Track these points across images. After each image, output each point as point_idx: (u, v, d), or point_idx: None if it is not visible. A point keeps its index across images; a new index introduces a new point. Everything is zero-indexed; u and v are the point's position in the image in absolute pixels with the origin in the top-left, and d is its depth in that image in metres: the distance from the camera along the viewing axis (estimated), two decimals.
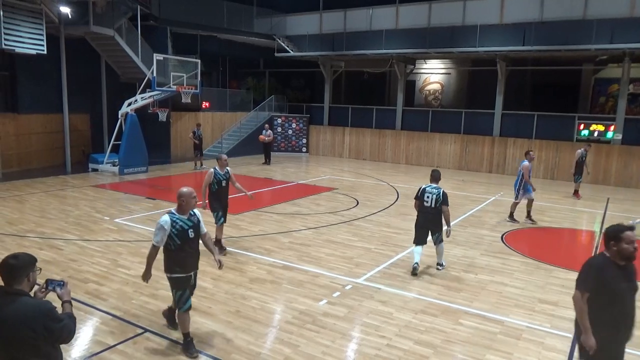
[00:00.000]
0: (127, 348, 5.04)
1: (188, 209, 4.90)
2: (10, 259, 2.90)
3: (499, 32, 18.63)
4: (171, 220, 4.78)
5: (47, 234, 9.09)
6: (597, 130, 17.90)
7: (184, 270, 4.91)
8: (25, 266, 2.88)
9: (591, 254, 8.90)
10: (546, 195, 14.84)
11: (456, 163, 20.59)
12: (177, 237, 4.78)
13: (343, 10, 22.50)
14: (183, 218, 4.85)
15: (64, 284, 3.14)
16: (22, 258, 2.92)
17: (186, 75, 17.16)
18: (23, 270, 2.86)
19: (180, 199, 4.85)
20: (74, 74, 16.79)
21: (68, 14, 15.18)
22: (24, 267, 2.87)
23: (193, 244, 4.94)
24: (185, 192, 4.85)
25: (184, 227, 4.82)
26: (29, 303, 2.81)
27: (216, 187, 8.10)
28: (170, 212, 4.86)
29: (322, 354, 5.03)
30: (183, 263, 4.86)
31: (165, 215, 4.83)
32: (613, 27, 16.47)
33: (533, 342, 5.43)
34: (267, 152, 20.10)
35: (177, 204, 4.88)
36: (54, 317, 2.84)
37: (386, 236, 9.62)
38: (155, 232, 4.79)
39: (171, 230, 4.75)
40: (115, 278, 6.97)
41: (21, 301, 2.79)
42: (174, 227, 4.77)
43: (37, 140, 17.21)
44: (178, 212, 4.87)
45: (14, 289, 2.82)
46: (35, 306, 2.82)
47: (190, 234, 4.86)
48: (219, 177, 8.11)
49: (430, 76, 24.86)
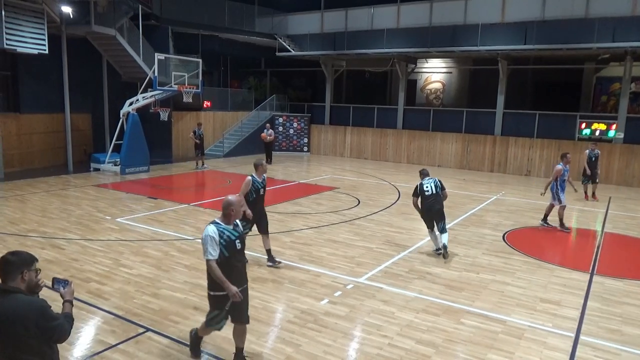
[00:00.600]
0: (129, 347, 5.05)
1: (235, 218, 4.56)
2: (9, 254, 2.91)
3: (501, 31, 18.61)
4: (218, 230, 4.41)
5: (49, 233, 9.10)
6: (598, 129, 17.85)
7: None
8: (20, 264, 2.86)
9: (593, 253, 8.93)
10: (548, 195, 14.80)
11: (457, 162, 20.57)
12: (225, 248, 4.40)
13: (344, 10, 22.49)
14: (229, 228, 4.48)
15: (68, 283, 3.14)
16: (19, 256, 2.91)
17: (187, 75, 17.17)
18: (17, 268, 2.84)
19: (229, 208, 4.48)
20: (76, 73, 16.82)
21: (69, 13, 15.20)
22: (19, 264, 2.86)
23: (241, 255, 4.58)
24: (234, 201, 4.51)
25: (231, 238, 4.45)
26: (22, 300, 2.79)
27: (254, 196, 7.42)
28: (215, 222, 4.48)
29: (324, 353, 5.03)
30: (229, 278, 4.40)
31: (210, 225, 4.44)
32: (615, 26, 16.43)
33: (535, 342, 5.43)
34: (269, 151, 20.10)
35: (224, 214, 4.50)
36: (47, 315, 2.81)
37: (387, 235, 9.62)
38: (206, 245, 4.36)
39: (219, 242, 4.38)
40: (117, 277, 6.98)
41: (14, 298, 2.77)
42: (222, 237, 4.40)
43: (38, 140, 17.24)
44: (224, 222, 4.49)
45: (8, 287, 2.81)
46: (27, 304, 2.79)
47: (237, 244, 4.49)
48: (257, 185, 7.45)
49: (431, 75, 24.83)
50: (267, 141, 20.00)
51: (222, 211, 4.52)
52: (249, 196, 7.37)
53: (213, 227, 4.43)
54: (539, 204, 13.32)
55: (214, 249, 4.35)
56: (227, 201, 4.53)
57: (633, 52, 16.69)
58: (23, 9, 13.89)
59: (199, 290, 6.57)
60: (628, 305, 6.55)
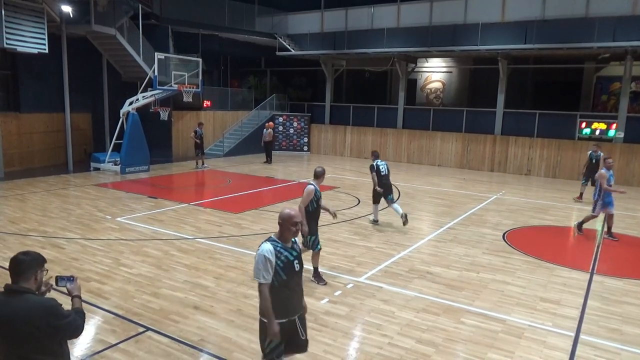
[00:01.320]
0: (129, 347, 5.05)
1: (295, 235, 3.92)
2: (21, 254, 2.92)
3: (501, 31, 18.60)
4: (275, 250, 3.76)
5: (49, 232, 9.11)
6: (599, 129, 17.85)
7: (286, 313, 3.87)
8: (34, 264, 2.88)
9: (593, 253, 8.93)
10: (548, 194, 14.83)
11: (458, 161, 20.56)
12: (283, 270, 3.75)
13: (344, 9, 22.48)
14: (287, 247, 3.84)
15: (74, 279, 3.15)
16: (32, 255, 2.93)
17: (187, 74, 17.16)
18: (31, 268, 2.86)
19: (289, 222, 3.81)
20: (76, 73, 16.82)
21: (69, 13, 15.20)
22: (33, 264, 2.88)
23: (298, 278, 3.96)
24: (295, 215, 3.85)
25: (289, 258, 3.80)
26: (33, 301, 2.82)
27: (315, 206, 6.87)
28: (272, 240, 3.83)
29: (324, 353, 5.03)
30: (286, 304, 3.85)
31: (265, 243, 3.80)
32: (615, 25, 16.43)
33: (535, 341, 5.43)
34: (269, 151, 20.10)
35: (283, 229, 3.83)
36: (59, 314, 2.83)
37: (387, 235, 9.62)
38: (258, 266, 3.72)
39: (276, 262, 3.74)
40: (117, 277, 6.99)
41: (26, 299, 2.80)
42: (279, 258, 3.75)
43: (39, 140, 17.24)
44: (281, 239, 3.84)
45: (20, 287, 2.82)
46: (39, 304, 2.82)
47: (296, 266, 3.85)
48: (318, 195, 6.88)
49: (431, 75, 24.82)
50: (267, 140, 20.03)
51: (279, 226, 3.85)
52: (310, 207, 6.80)
53: (269, 245, 3.77)
54: (539, 204, 13.33)
55: (267, 271, 3.71)
56: (287, 214, 3.83)
57: (633, 52, 16.67)
58: (23, 8, 13.88)
59: (199, 290, 6.58)
60: (628, 304, 6.55)
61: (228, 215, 10.84)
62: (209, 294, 6.47)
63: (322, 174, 7.12)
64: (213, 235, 9.20)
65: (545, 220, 11.44)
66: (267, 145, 20.11)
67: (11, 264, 2.88)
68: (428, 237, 9.62)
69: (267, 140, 20.06)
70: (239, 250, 8.34)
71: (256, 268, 3.75)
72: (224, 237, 9.14)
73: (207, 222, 10.20)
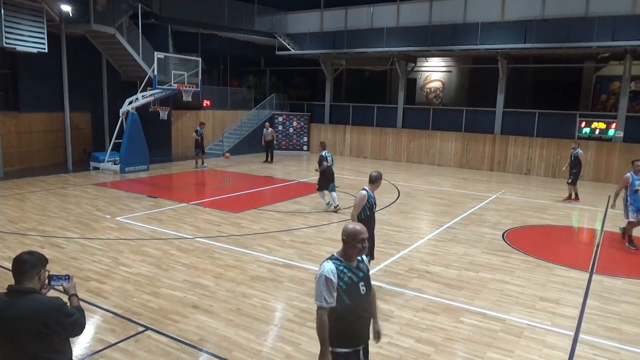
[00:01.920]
0: (129, 346, 5.05)
1: (361, 253, 3.38)
2: (25, 254, 2.94)
3: (500, 30, 18.60)
4: (337, 270, 3.29)
5: (49, 232, 9.10)
6: (598, 128, 17.86)
7: (351, 342, 3.37)
8: (38, 263, 2.91)
9: (592, 252, 8.93)
10: (547, 193, 14.83)
11: (457, 161, 20.57)
12: (347, 294, 3.26)
13: (344, 8, 22.47)
14: (351, 266, 3.34)
15: (69, 277, 3.16)
16: (36, 255, 2.95)
17: (187, 74, 17.16)
18: (34, 267, 2.88)
19: (355, 238, 3.30)
20: (75, 72, 16.81)
21: (69, 12, 15.19)
22: (36, 264, 2.90)
23: (365, 302, 3.42)
24: (360, 231, 3.35)
25: (354, 279, 3.31)
26: (40, 300, 2.85)
27: (368, 214, 6.35)
28: (333, 258, 3.36)
29: None
30: (351, 332, 3.36)
31: (326, 262, 3.33)
32: (614, 25, 16.43)
33: (534, 340, 5.43)
34: (269, 150, 20.12)
35: (347, 247, 3.33)
36: (66, 312, 2.88)
37: (387, 234, 9.62)
38: (319, 288, 3.25)
39: (339, 284, 3.27)
40: (117, 276, 6.99)
41: (33, 298, 2.83)
42: (342, 279, 3.27)
43: (38, 139, 17.23)
44: (344, 257, 3.36)
45: (25, 287, 2.85)
46: (47, 303, 2.86)
47: (361, 288, 3.35)
48: (371, 202, 6.40)
49: (431, 74, 24.81)
50: (268, 139, 20.06)
51: (343, 243, 3.37)
52: (362, 214, 6.30)
53: (330, 265, 3.30)
54: (539, 203, 13.34)
55: (329, 294, 3.24)
56: (353, 230, 3.34)
57: (633, 51, 16.68)
58: (22, 8, 13.87)
59: (198, 289, 6.58)
60: (627, 303, 6.56)
61: (227, 215, 10.84)
62: (208, 293, 6.47)
63: (378, 179, 6.46)
64: (212, 235, 9.20)
65: (544, 219, 11.44)
66: (268, 144, 20.13)
67: (14, 263, 2.89)
68: (427, 236, 9.62)
69: (268, 139, 20.10)
70: (238, 250, 8.34)
71: (317, 290, 3.27)
72: (224, 236, 9.15)
73: (206, 222, 10.20)
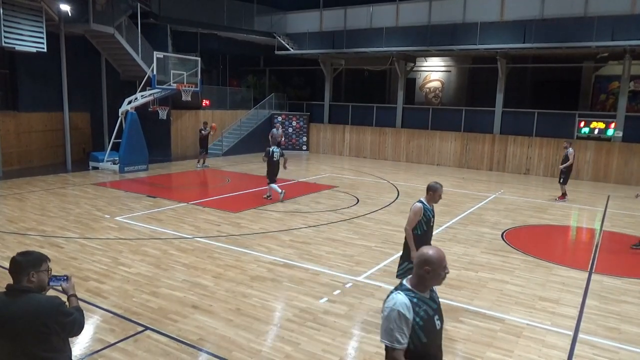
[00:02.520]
0: (128, 346, 5.05)
1: (436, 283, 2.87)
2: (18, 255, 2.94)
3: (500, 30, 18.60)
4: (411, 302, 2.75)
5: (48, 232, 9.10)
6: (597, 128, 17.87)
7: None
8: (27, 266, 2.89)
9: (591, 252, 8.94)
10: (547, 193, 14.84)
11: (457, 161, 20.57)
12: (423, 330, 2.73)
13: (343, 8, 22.48)
14: (425, 297, 2.83)
15: (68, 278, 3.16)
16: (28, 256, 2.94)
17: (186, 74, 17.14)
18: (23, 270, 2.87)
19: (439, 265, 2.80)
20: (74, 72, 16.80)
21: (68, 11, 15.16)
22: (25, 266, 2.89)
23: (439, 339, 2.93)
24: (443, 256, 2.85)
25: (429, 313, 2.79)
26: (39, 299, 2.86)
27: (424, 229, 5.73)
28: (404, 289, 2.82)
29: (323, 352, 5.03)
30: None
31: (397, 294, 2.77)
32: (614, 24, 16.44)
33: (533, 340, 5.44)
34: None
35: (420, 274, 2.81)
36: (65, 312, 2.88)
37: (386, 234, 9.62)
38: (390, 325, 2.70)
39: (414, 320, 2.72)
40: (116, 276, 6.98)
41: (32, 298, 2.83)
42: (418, 313, 2.74)
43: (37, 139, 17.22)
44: (417, 287, 2.83)
45: (24, 287, 2.86)
46: (46, 302, 2.86)
47: (437, 323, 2.85)
48: (428, 215, 5.74)
49: (430, 74, 24.82)
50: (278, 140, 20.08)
51: (417, 269, 2.84)
52: (417, 229, 5.71)
53: (403, 297, 2.75)
54: (538, 203, 13.35)
55: (403, 332, 2.69)
56: (436, 256, 2.81)
57: (632, 51, 16.69)
58: (21, 7, 13.85)
59: (197, 289, 6.57)
60: (626, 303, 6.56)
61: (227, 215, 10.84)
62: (207, 293, 6.47)
63: (437, 190, 5.70)
64: (212, 235, 9.20)
65: (543, 219, 11.45)
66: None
67: (10, 263, 2.92)
68: None
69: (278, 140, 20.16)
70: (238, 250, 8.34)
71: (387, 328, 2.72)
72: (223, 236, 9.14)
73: (206, 222, 10.20)
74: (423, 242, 5.50)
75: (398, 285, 2.89)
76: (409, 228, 5.71)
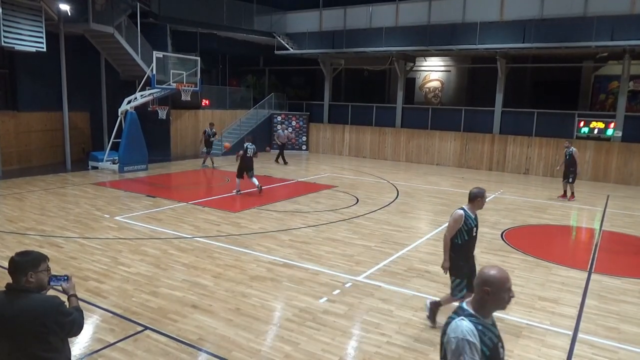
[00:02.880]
0: (128, 346, 5.05)
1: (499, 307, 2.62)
2: (17, 255, 2.94)
3: (499, 29, 18.60)
4: (477, 330, 2.53)
5: (48, 231, 9.09)
6: (597, 128, 17.88)
7: None
8: (25, 266, 2.89)
9: (591, 252, 8.95)
10: (546, 193, 14.85)
11: (456, 160, 20.58)
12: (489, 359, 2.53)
13: (343, 8, 22.48)
14: (488, 324, 2.61)
15: (68, 278, 3.15)
16: (27, 256, 2.94)
17: (186, 73, 17.13)
18: (22, 270, 2.87)
19: (502, 287, 2.56)
20: (74, 71, 16.79)
21: (67, 11, 15.15)
22: (24, 267, 2.88)
23: None
24: (507, 276, 2.60)
25: (494, 341, 2.60)
26: (38, 299, 2.86)
27: (466, 238, 5.42)
28: (466, 314, 2.60)
29: (322, 352, 5.04)
30: None
31: (460, 321, 2.55)
32: (613, 24, 16.44)
33: (533, 340, 5.44)
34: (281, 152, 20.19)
35: (486, 297, 2.57)
36: (64, 311, 2.89)
37: (386, 234, 9.62)
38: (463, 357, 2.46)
39: (481, 349, 2.51)
40: (116, 276, 6.98)
41: (31, 297, 2.83)
42: (484, 341, 2.53)
43: (37, 138, 17.21)
44: (479, 312, 2.60)
45: (23, 286, 2.85)
46: (45, 301, 2.86)
47: (500, 351, 2.65)
48: (470, 223, 5.41)
49: (430, 74, 24.82)
50: (282, 142, 20.17)
51: (479, 292, 2.61)
52: (458, 238, 5.43)
53: (468, 324, 2.53)
54: (538, 203, 13.36)
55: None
56: (498, 277, 2.57)
57: (631, 51, 16.70)
58: (21, 7, 13.84)
59: (197, 289, 6.57)
60: (625, 303, 6.57)
61: (226, 214, 10.84)
62: (207, 293, 6.46)
63: (479, 196, 5.39)
64: (211, 234, 9.20)
65: (543, 219, 11.45)
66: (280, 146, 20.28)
67: (9, 263, 2.92)
68: (426, 236, 9.62)
69: (284, 141, 20.26)
70: (237, 250, 8.34)
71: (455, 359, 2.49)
72: (223, 236, 9.14)
73: (205, 221, 10.19)
74: (464, 252, 5.48)
75: (458, 309, 2.66)
76: (448, 235, 5.49)
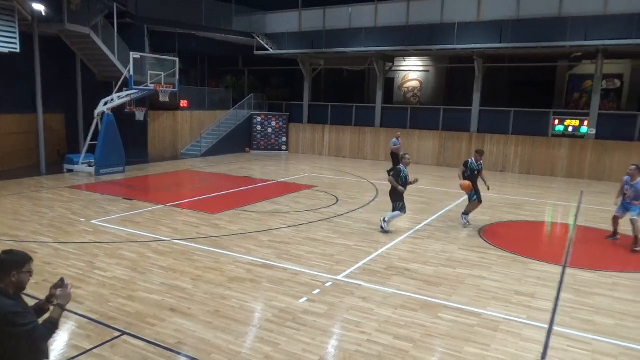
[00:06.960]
0: (104, 352, 4.96)
1: None
2: (3, 253, 2.85)
3: (477, 30, 18.86)
4: None
5: (21, 237, 8.88)
6: (571, 126, 18.28)
7: None
8: (11, 265, 2.79)
9: (565, 246, 9.13)
10: (522, 190, 15.09)
11: (435, 159, 20.78)
12: None
13: (322, 8, 22.50)
14: None
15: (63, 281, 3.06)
16: (12, 255, 2.84)
17: (164, 74, 16.94)
18: (8, 268, 2.78)
19: None
20: (49, 72, 16.44)
21: (42, 11, 14.81)
22: (10, 265, 2.79)
23: None
24: None
25: None
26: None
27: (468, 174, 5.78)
28: None
29: (303, 352, 5.03)
30: None
31: None
32: (587, 25, 16.82)
33: (510, 334, 5.52)
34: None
35: None
36: (13, 321, 2.72)
37: (366, 233, 9.66)
38: None
39: None
40: (92, 280, 6.85)
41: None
42: None
43: (10, 141, 16.78)
44: None
45: None
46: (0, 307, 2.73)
47: None
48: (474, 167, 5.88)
49: (409, 73, 25.02)
50: None
51: None
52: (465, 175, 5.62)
53: None
54: (514, 199, 13.57)
55: None
56: None
57: (604, 50, 17.10)
58: None
59: (175, 292, 6.50)
60: (599, 296, 6.72)
61: (205, 216, 10.74)
62: (186, 295, 6.39)
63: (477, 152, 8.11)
64: (190, 237, 9.11)
65: (520, 215, 11.64)
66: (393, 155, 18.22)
67: None
68: (406, 234, 9.69)
69: None
70: (216, 251, 8.27)
71: None
72: (202, 238, 9.06)
73: (184, 223, 10.09)
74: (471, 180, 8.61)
75: None
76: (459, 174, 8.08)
